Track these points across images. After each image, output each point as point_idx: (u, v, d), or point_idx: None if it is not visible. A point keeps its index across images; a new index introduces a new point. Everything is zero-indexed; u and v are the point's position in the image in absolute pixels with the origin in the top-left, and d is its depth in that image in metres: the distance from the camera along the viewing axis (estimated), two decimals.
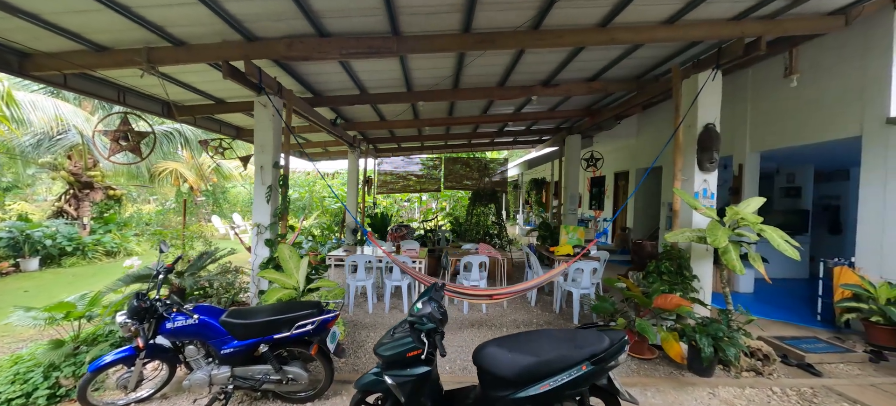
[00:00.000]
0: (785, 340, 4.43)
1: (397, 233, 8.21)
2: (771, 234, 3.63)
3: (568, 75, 5.53)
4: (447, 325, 4.64)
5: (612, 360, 2.36)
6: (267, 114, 4.38)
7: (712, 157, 4.45)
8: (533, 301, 5.82)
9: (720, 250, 3.82)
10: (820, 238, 8.50)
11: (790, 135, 5.98)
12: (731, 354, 3.34)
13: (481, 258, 5.33)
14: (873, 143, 4.82)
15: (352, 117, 7.57)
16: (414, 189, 11.52)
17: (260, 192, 4.40)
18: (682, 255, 4.55)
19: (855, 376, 3.78)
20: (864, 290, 4.51)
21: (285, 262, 3.99)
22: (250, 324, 2.93)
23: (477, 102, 6.99)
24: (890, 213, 4.63)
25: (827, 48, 5.43)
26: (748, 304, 6.06)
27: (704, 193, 4.55)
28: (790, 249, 3.54)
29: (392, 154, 11.66)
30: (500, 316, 5.29)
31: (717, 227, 3.82)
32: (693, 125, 4.60)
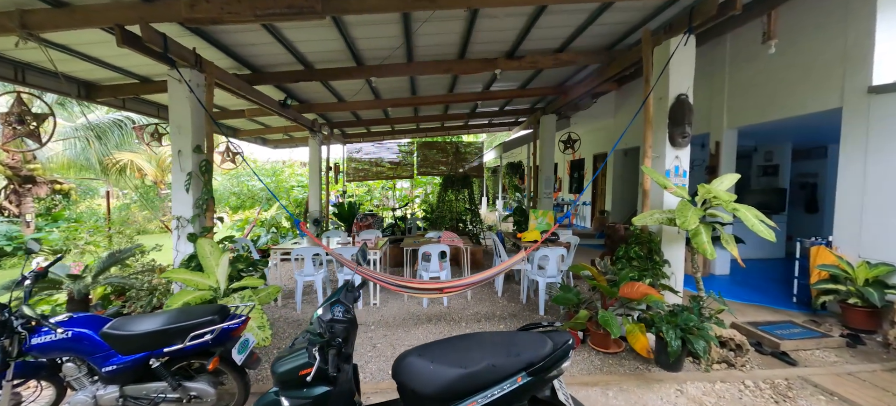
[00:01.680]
0: (759, 326, 4.15)
1: (363, 222, 7.72)
2: (745, 213, 3.28)
3: (532, 45, 5.06)
4: (402, 321, 4.31)
5: (552, 368, 1.96)
6: (182, 90, 3.80)
7: (685, 131, 4.06)
8: (499, 291, 5.45)
9: (690, 233, 3.46)
10: (797, 217, 8.34)
11: (768, 109, 5.66)
12: (699, 348, 3.01)
13: (441, 247, 4.91)
14: (854, 115, 4.52)
15: (307, 98, 6.97)
16: (386, 176, 11.00)
17: (179, 181, 3.85)
18: (652, 238, 4.20)
19: (831, 364, 3.51)
20: (841, 270, 4.24)
21: (205, 259, 3.48)
22: (133, 336, 2.44)
23: (441, 80, 6.48)
24: (870, 188, 4.35)
25: (807, 13, 5.07)
26: (723, 287, 5.82)
27: (676, 171, 4.19)
28: (765, 230, 3.20)
29: (362, 139, 11.08)
30: (463, 308, 4.90)
31: (687, 207, 3.45)
32: (664, 97, 4.20)
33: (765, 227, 3.21)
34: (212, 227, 3.98)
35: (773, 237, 3.18)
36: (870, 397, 2.97)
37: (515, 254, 4.90)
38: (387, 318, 4.55)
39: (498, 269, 3.69)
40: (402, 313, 4.72)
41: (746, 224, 3.24)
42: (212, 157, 3.99)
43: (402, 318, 4.55)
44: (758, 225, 3.20)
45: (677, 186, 3.83)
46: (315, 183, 8.31)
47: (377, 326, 4.33)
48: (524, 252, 3.79)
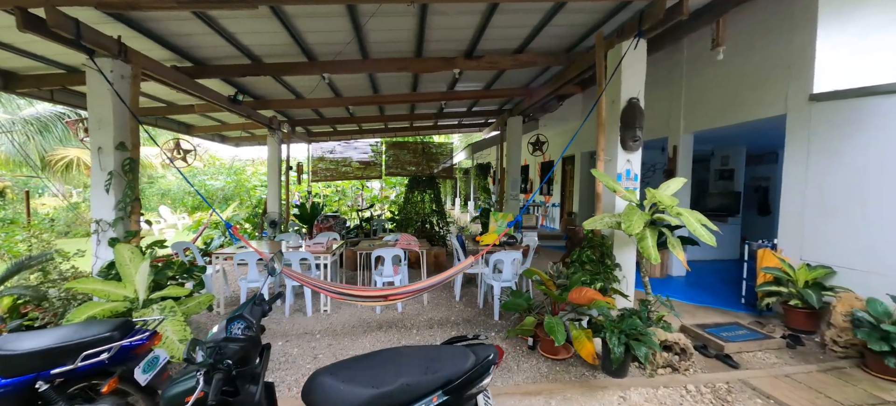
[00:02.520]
0: (707, 329, 4.20)
1: (323, 224, 7.44)
2: (688, 217, 3.28)
3: (490, 45, 4.97)
4: (351, 330, 4.09)
5: (471, 386, 1.84)
6: (102, 82, 3.47)
7: (635, 135, 4.06)
8: (457, 295, 5.33)
9: (637, 237, 3.44)
10: (751, 219, 8.65)
11: (721, 114, 5.80)
12: (641, 354, 2.97)
13: (395, 251, 4.74)
14: (797, 122, 4.66)
15: (262, 94, 6.65)
16: (354, 176, 10.71)
17: (99, 181, 3.52)
18: (604, 242, 4.18)
19: (771, 366, 3.57)
20: (783, 273, 4.36)
21: (123, 266, 3.18)
22: (14, 356, 2.15)
23: (401, 78, 6.31)
24: (810, 194, 4.49)
25: (756, 21, 5.22)
26: (678, 289, 5.93)
27: (628, 174, 4.18)
28: (707, 234, 3.21)
29: (328, 138, 10.75)
30: (417, 314, 4.75)
31: (633, 211, 3.43)
32: (617, 100, 4.19)
33: (706, 232, 3.22)
34: (137, 231, 3.67)
35: (714, 242, 3.20)
36: (803, 399, 3.01)
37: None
38: (335, 326, 4.35)
39: (444, 276, 3.56)
40: (352, 321, 4.52)
41: (689, 229, 3.24)
42: (137, 155, 3.67)
43: (352, 326, 4.35)
44: (700, 229, 3.21)
45: (627, 190, 3.81)
46: (274, 183, 7.96)
47: (323, 335, 4.12)
48: (473, 257, 3.67)
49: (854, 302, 3.78)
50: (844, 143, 4.14)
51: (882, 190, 3.81)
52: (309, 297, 4.66)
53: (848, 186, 4.10)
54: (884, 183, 3.80)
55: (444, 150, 11.32)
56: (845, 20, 4.47)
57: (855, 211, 4.02)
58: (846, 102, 4.14)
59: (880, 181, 3.83)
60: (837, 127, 4.20)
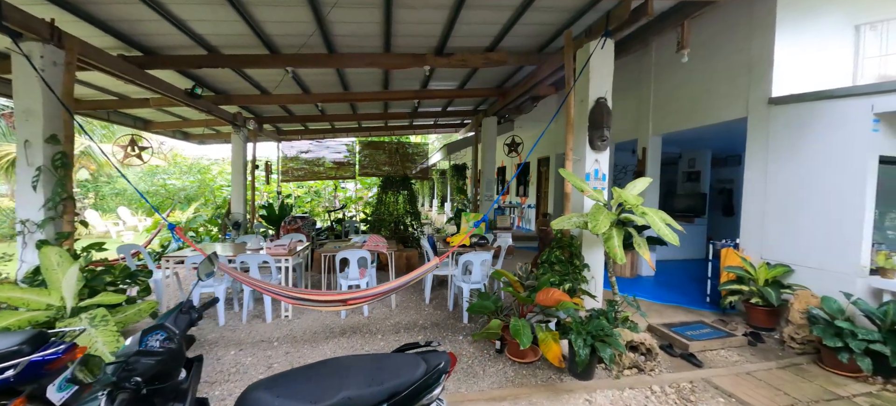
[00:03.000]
0: (673, 328, 4.23)
1: (291, 225, 7.14)
2: (652, 217, 3.27)
3: (461, 42, 4.88)
4: (312, 336, 3.83)
5: (420, 397, 1.71)
6: (29, 69, 3.15)
7: (603, 134, 4.05)
8: (427, 298, 5.19)
9: (603, 237, 3.41)
10: (716, 220, 8.93)
11: (686, 117, 5.92)
12: (606, 356, 2.92)
13: (361, 253, 4.56)
14: (757, 125, 4.79)
15: (225, 89, 6.32)
16: (327, 176, 10.40)
17: (26, 177, 3.19)
18: (573, 242, 4.14)
19: (733, 364, 3.61)
20: (745, 271, 4.45)
21: (49, 272, 2.88)
22: None
23: (372, 75, 6.13)
24: (770, 194, 4.62)
25: (719, 26, 5.35)
26: (648, 288, 6.00)
27: (596, 174, 4.17)
28: (671, 234, 3.20)
29: (300, 137, 10.41)
30: (385, 318, 4.58)
31: (599, 211, 3.39)
32: (585, 100, 4.18)
33: (670, 232, 3.21)
34: (71, 233, 3.34)
35: (678, 242, 3.20)
36: (763, 397, 3.04)
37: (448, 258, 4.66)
38: (296, 333, 4.12)
39: (406, 278, 3.41)
40: (315, 326, 4.30)
41: (654, 228, 3.23)
42: (70, 149, 3.35)
43: (314, 333, 4.14)
44: (664, 229, 3.20)
45: (595, 190, 3.78)
46: (238, 182, 7.59)
47: (282, 342, 3.89)
48: (437, 259, 3.55)
49: (810, 299, 3.88)
50: (801, 146, 4.27)
51: (833, 190, 3.94)
52: (268, 302, 4.41)
53: (804, 187, 4.22)
54: (835, 183, 3.93)
55: (420, 150, 11.18)
56: (802, 26, 4.63)
57: (810, 210, 4.15)
58: (802, 106, 4.27)
59: (832, 182, 3.96)
60: (794, 130, 4.33)
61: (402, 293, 5.52)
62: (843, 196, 3.86)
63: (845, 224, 3.82)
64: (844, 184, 3.85)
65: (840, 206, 3.88)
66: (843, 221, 3.85)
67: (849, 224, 3.79)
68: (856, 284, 3.71)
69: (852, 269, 3.75)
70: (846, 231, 3.81)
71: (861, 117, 3.76)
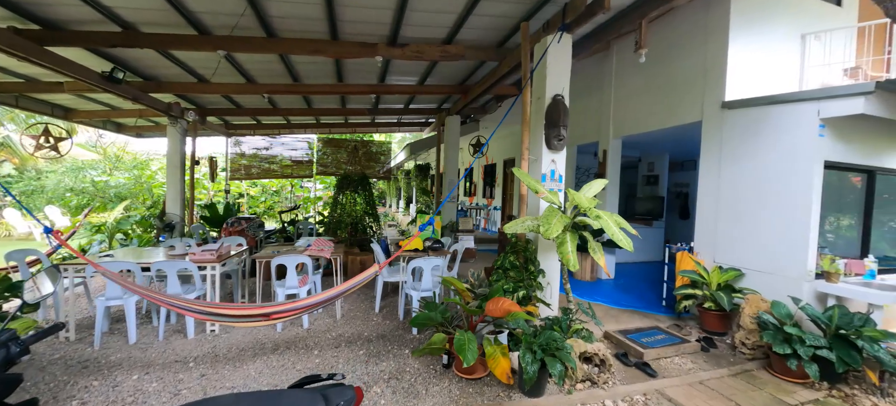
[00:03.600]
0: (628, 335, 4.09)
1: (233, 227, 6.54)
2: (606, 220, 3.08)
3: (415, 32, 4.57)
4: (238, 354, 3.29)
5: None
6: None
7: (560, 133, 3.86)
8: (377, 307, 4.82)
9: (557, 241, 3.19)
10: (674, 223, 9.12)
11: (645, 120, 5.91)
12: (555, 372, 2.69)
13: (299, 259, 4.12)
14: (710, 129, 4.79)
15: (154, 74, 5.66)
16: (280, 175, 9.77)
17: None
18: (528, 247, 3.92)
19: (687, 372, 3.49)
20: (698, 275, 4.41)
21: None
22: None
23: (323, 66, 5.70)
24: (722, 198, 4.61)
25: (678, 30, 5.34)
26: (608, 292, 5.92)
27: (552, 175, 3.97)
28: (624, 239, 3.03)
29: (252, 132, 9.71)
30: (327, 330, 4.17)
31: (552, 214, 3.18)
32: (542, 97, 3.98)
33: (624, 236, 3.04)
34: None
35: (631, 247, 3.03)
36: None
37: (403, 261, 4.30)
38: (220, 350, 3.63)
39: (336, 291, 3.03)
40: (245, 342, 3.83)
41: (607, 232, 3.04)
42: None
43: (241, 350, 3.67)
44: (617, 233, 3.02)
45: (550, 191, 3.57)
46: (174, 179, 6.87)
47: (200, 363, 3.40)
48: (377, 267, 3.20)
49: (761, 304, 3.86)
50: (752, 150, 4.27)
51: (782, 194, 3.95)
52: None
53: (754, 191, 4.23)
54: (783, 187, 3.94)
55: (383, 149, 10.77)
56: (754, 33, 4.68)
57: (760, 214, 4.15)
58: (754, 110, 4.28)
59: (781, 186, 3.97)
60: (746, 134, 4.34)
61: (351, 302, 5.12)
62: (790, 200, 3.87)
63: (793, 228, 3.83)
64: (792, 188, 3.86)
65: (788, 210, 3.89)
66: (790, 226, 3.86)
67: (796, 228, 3.80)
68: (803, 289, 3.72)
69: (800, 274, 3.76)
70: (794, 235, 3.83)
71: (808, 122, 3.78)
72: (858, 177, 4.22)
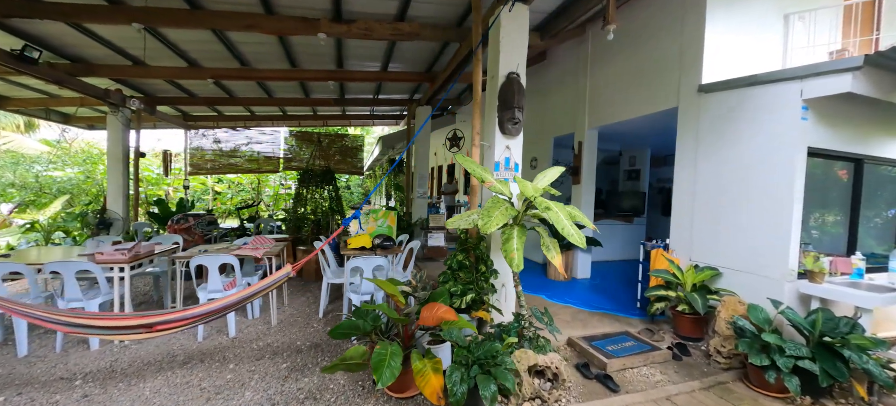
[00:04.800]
0: (593, 342, 3.68)
1: (179, 224, 6.02)
2: (556, 213, 2.65)
3: (361, 6, 4.11)
4: (139, 368, 2.74)
5: None
6: None
7: (514, 116, 3.42)
8: (321, 311, 4.35)
9: (502, 238, 2.76)
10: (655, 219, 8.76)
11: (620, 108, 5.50)
12: (487, 395, 2.24)
13: (223, 259, 3.64)
14: (687, 115, 4.39)
15: (80, 55, 5.11)
16: (245, 169, 9.23)
17: None
18: (479, 244, 3.48)
19: (654, 385, 3.08)
20: (672, 275, 4.00)
21: None
22: None
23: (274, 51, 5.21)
24: (699, 190, 4.22)
25: (651, 13, 4.94)
26: (580, 292, 5.51)
27: (507, 164, 3.53)
28: (577, 235, 2.59)
29: (215, 124, 9.17)
30: (255, 338, 3.69)
31: (495, 206, 2.74)
32: (496, 76, 3.53)
33: (576, 231, 2.61)
34: None
35: (584, 243, 2.60)
36: None
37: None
38: (120, 364, 3.14)
39: (234, 298, 2.56)
40: (157, 353, 3.35)
41: (556, 226, 2.60)
42: None
43: (147, 363, 3.18)
44: (568, 227, 2.59)
45: (500, 181, 3.13)
46: (116, 174, 6.33)
47: (90, 380, 2.91)
48: (290, 267, 2.73)
49: (737, 307, 3.46)
50: (730, 137, 3.88)
51: (761, 185, 3.56)
52: None
53: (732, 181, 3.84)
54: (763, 177, 3.54)
55: (358, 143, 10.30)
56: (733, 12, 4.28)
57: (738, 208, 3.76)
58: (732, 93, 3.88)
59: (760, 176, 3.58)
60: (724, 119, 3.94)
61: (295, 305, 4.65)
62: (771, 191, 3.48)
63: (773, 223, 3.44)
64: (773, 178, 3.47)
65: (769, 202, 3.50)
66: (771, 220, 3.47)
67: (777, 223, 3.41)
68: (784, 290, 3.33)
69: (781, 273, 3.36)
70: (774, 231, 3.43)
71: (790, 104, 3.38)
72: (845, 170, 3.84)
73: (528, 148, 8.24)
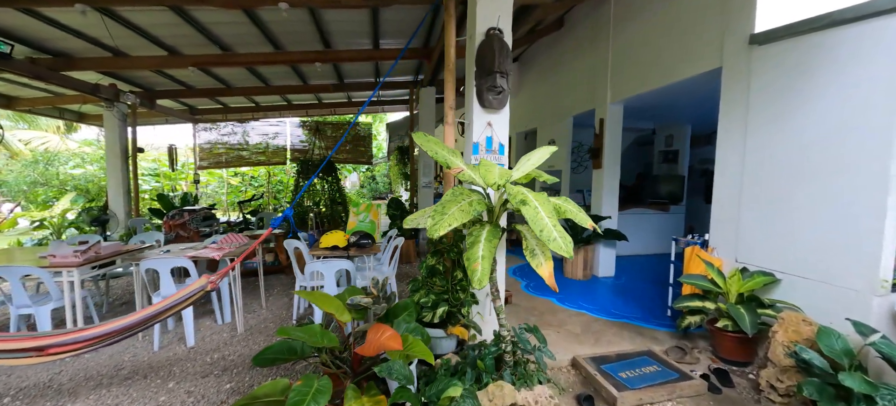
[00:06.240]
0: (604, 364, 2.95)
1: (174, 220, 5.85)
2: (534, 209, 1.94)
3: None
4: (81, 382, 2.40)
5: None
6: None
7: (496, 83, 2.71)
8: (294, 317, 3.92)
9: (468, 241, 2.11)
10: (696, 207, 7.62)
11: (651, 75, 4.57)
12: None
13: (175, 262, 3.26)
14: (733, 76, 3.44)
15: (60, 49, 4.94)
16: (253, 162, 9.10)
17: None
18: (456, 246, 2.84)
19: None
20: (711, 282, 3.16)
21: None
22: None
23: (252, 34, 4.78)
24: (749, 172, 3.30)
25: None
26: (600, 295, 4.71)
27: (489, 145, 2.84)
28: (561, 238, 1.89)
29: (224, 117, 9.06)
30: (216, 349, 3.32)
31: (455, 199, 2.08)
32: (473, 35, 2.83)
33: (561, 233, 1.90)
34: None
35: (571, 252, 1.88)
36: None
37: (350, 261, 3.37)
38: (62, 377, 2.86)
39: (137, 317, 2.13)
40: (103, 365, 3.05)
41: (533, 226, 1.91)
42: None
43: (88, 377, 2.87)
44: (549, 229, 1.88)
45: (471, 167, 2.45)
46: (115, 170, 6.27)
47: (18, 397, 2.63)
48: (206, 279, 2.25)
49: (801, 327, 2.59)
50: (794, 100, 2.93)
51: (840, 162, 2.62)
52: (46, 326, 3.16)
53: (796, 159, 2.90)
54: (843, 153, 2.60)
55: (367, 131, 9.88)
56: None
57: (803, 193, 2.84)
58: (798, 42, 2.92)
59: (837, 151, 2.63)
60: (785, 78, 2.99)
61: (272, 309, 4.26)
62: (852, 171, 2.55)
63: (855, 213, 2.52)
64: (856, 153, 2.53)
65: (847, 185, 2.57)
66: (851, 209, 2.54)
67: (862, 213, 2.49)
68: (871, 307, 2.42)
69: (866, 284, 2.45)
70: (856, 223, 2.51)
71: (889, 48, 2.41)
72: None
73: (545, 130, 7.37)
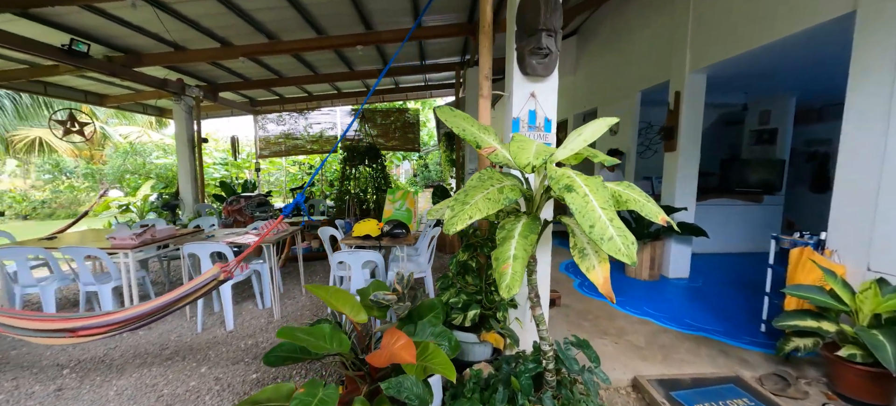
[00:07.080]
0: (674, 391, 2.39)
1: (232, 206, 6.18)
2: (582, 200, 1.48)
3: None
4: (125, 361, 2.66)
5: None
6: None
7: (541, 44, 2.23)
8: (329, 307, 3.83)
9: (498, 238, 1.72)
10: (799, 199, 6.31)
11: (747, 32, 3.69)
12: None
13: (213, 247, 3.29)
14: (875, 22, 2.56)
15: (125, 46, 5.32)
16: (308, 150, 9.42)
17: None
18: (491, 240, 2.46)
19: None
20: (831, 295, 2.41)
21: None
22: None
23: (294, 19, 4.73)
24: (893, 152, 2.44)
25: None
26: (671, 300, 4.00)
27: (532, 120, 2.38)
28: (619, 238, 1.41)
29: (281, 108, 9.47)
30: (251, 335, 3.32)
31: (481, 185, 1.70)
32: None
33: (619, 231, 1.42)
34: None
35: (633, 258, 1.40)
36: None
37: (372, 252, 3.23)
38: (115, 353, 3.03)
39: (161, 301, 2.07)
40: (152, 342, 3.19)
41: (579, 219, 1.45)
42: None
43: (136, 354, 3.01)
44: (603, 224, 1.42)
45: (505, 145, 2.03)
46: (184, 159, 6.77)
47: (76, 369, 2.81)
48: (220, 267, 2.13)
49: None
50: None
51: None
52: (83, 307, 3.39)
53: None
54: None
55: (416, 117, 9.73)
56: None
57: None
58: None
59: None
60: None
61: (308, 296, 4.23)
62: None
63: None
64: None
65: None
66: None
67: None
68: None
69: None
70: None
71: None
72: None
73: (606, 109, 6.55)
